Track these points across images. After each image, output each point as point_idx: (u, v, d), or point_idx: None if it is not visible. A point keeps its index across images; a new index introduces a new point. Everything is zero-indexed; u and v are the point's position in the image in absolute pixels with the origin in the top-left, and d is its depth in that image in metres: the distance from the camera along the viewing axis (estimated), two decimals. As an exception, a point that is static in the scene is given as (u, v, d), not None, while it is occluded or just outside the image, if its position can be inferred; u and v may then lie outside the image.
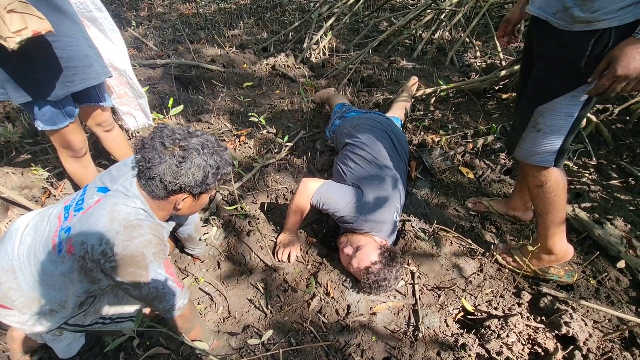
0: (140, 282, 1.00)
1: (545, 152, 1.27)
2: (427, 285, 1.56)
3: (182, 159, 0.97)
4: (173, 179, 0.98)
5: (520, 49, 3.37)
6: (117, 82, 1.84)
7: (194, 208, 1.15)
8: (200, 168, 1.00)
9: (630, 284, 1.55)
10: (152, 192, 1.03)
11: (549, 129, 1.23)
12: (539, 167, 1.31)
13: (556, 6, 1.08)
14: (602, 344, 1.31)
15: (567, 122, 1.20)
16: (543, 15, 1.13)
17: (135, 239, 0.98)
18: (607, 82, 1.01)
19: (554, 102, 1.18)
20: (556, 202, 1.36)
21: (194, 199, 1.09)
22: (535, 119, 1.24)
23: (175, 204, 1.07)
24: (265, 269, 1.64)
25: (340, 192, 1.58)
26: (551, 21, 1.11)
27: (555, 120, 1.20)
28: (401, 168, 1.82)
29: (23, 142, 2.19)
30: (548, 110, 1.20)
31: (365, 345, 1.35)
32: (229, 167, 1.09)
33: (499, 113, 2.62)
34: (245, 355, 1.31)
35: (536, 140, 1.26)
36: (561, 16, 1.07)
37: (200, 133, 1.05)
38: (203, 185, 1.03)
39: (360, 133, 1.88)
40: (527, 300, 1.47)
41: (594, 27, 1.01)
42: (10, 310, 1.09)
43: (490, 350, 1.31)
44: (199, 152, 0.99)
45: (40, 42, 1.22)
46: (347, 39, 3.72)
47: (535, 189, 1.37)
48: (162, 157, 0.97)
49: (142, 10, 4.42)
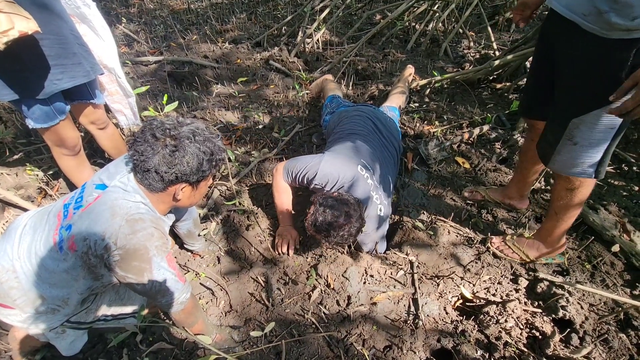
0: (144, 276, 1.00)
1: (584, 164, 1.17)
2: (426, 274, 1.57)
3: (175, 147, 0.97)
4: (168, 168, 0.97)
5: (514, 38, 3.37)
6: (108, 79, 1.82)
7: (194, 198, 1.14)
8: (194, 155, 0.99)
9: (625, 267, 1.58)
10: (149, 185, 1.02)
11: (587, 142, 1.12)
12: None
13: (587, 7, 0.96)
14: (598, 326, 1.34)
15: (607, 135, 1.09)
16: (571, 16, 1.01)
17: (138, 232, 0.98)
18: (631, 105, 0.91)
19: (592, 115, 1.06)
20: (579, 206, 1.32)
21: (193, 188, 1.08)
22: (570, 132, 1.13)
23: (174, 194, 1.06)
24: (265, 262, 1.65)
25: (302, 158, 1.66)
26: (581, 24, 0.99)
27: (593, 133, 1.09)
28: (381, 144, 1.85)
29: (16, 143, 2.16)
30: (585, 123, 1.09)
31: (366, 334, 1.37)
32: (222, 153, 1.09)
33: (493, 103, 2.64)
34: (248, 348, 1.33)
35: (573, 153, 1.16)
36: (594, 20, 0.96)
37: (189, 121, 1.04)
38: (199, 173, 1.02)
39: (344, 124, 1.94)
40: (524, 286, 1.50)
41: (636, 35, 0.91)
42: (12, 310, 1.09)
43: (489, 336, 1.34)
44: (191, 139, 0.99)
45: (27, 40, 1.20)
46: (340, 32, 3.70)
47: (564, 191, 1.30)
48: (155, 148, 0.96)
49: (133, 6, 4.35)
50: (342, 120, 1.98)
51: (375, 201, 1.59)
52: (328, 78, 2.71)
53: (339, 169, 1.56)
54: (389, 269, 1.58)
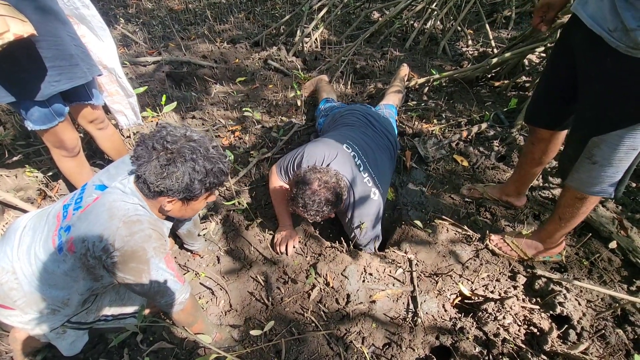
0: (142, 277, 1.01)
1: (603, 183, 1.14)
2: (424, 272, 1.58)
3: (167, 162, 0.97)
4: (155, 180, 0.97)
5: (513, 36, 3.38)
6: (108, 80, 1.82)
7: (186, 212, 1.13)
8: (185, 173, 0.98)
9: (622, 263, 1.58)
10: (142, 189, 1.03)
11: (607, 162, 1.07)
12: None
13: (613, 23, 0.91)
14: (596, 322, 1.35)
15: (629, 156, 1.05)
16: (597, 29, 0.96)
17: (136, 234, 0.99)
18: None
19: (614, 135, 1.02)
20: (585, 214, 1.30)
21: (183, 203, 1.07)
22: (590, 150, 1.09)
23: (162, 204, 1.06)
24: (265, 262, 1.65)
25: (289, 152, 1.73)
26: (607, 39, 0.94)
27: (615, 154, 1.05)
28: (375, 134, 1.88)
29: (15, 144, 2.16)
30: (606, 143, 1.04)
31: (365, 332, 1.38)
32: (221, 177, 1.06)
33: (492, 101, 2.64)
34: (248, 347, 1.34)
35: (592, 172, 1.12)
36: (620, 37, 0.91)
37: (197, 137, 1.03)
38: (187, 192, 1.01)
39: (338, 122, 1.98)
40: (522, 283, 1.51)
41: None
42: (12, 311, 1.10)
43: (488, 333, 1.35)
44: (186, 158, 0.98)
45: (25, 42, 1.20)
46: (339, 31, 3.70)
47: (573, 199, 1.26)
48: (150, 157, 0.97)
49: (131, 7, 4.35)
50: (336, 120, 2.01)
51: (367, 183, 1.60)
52: (323, 78, 2.71)
53: (324, 149, 1.62)
54: (388, 267, 1.59)
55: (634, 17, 0.87)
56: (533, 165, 1.61)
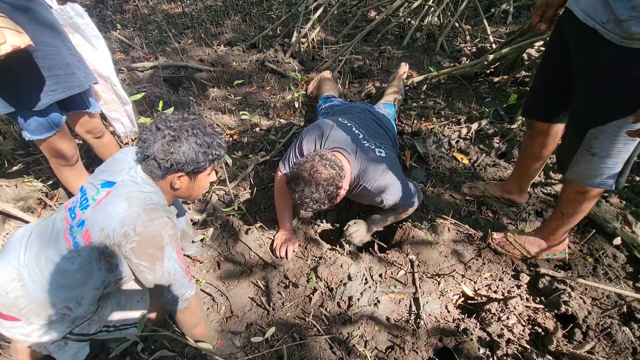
0: (155, 265, 1.05)
1: (603, 175, 1.13)
2: (426, 273, 1.57)
3: (173, 138, 1.05)
4: (165, 156, 1.05)
5: (511, 31, 3.34)
6: (104, 88, 1.82)
7: (193, 190, 1.20)
8: (191, 146, 1.07)
9: (627, 260, 1.56)
10: (151, 172, 1.09)
11: (606, 154, 1.08)
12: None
13: (605, 15, 0.92)
14: (601, 320, 1.33)
15: (628, 146, 1.05)
16: (590, 22, 0.98)
17: (155, 220, 1.04)
18: None
19: (611, 125, 1.02)
20: (587, 209, 1.29)
21: (190, 179, 1.14)
22: (588, 142, 1.09)
23: (172, 182, 1.12)
24: (265, 266, 1.64)
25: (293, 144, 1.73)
26: (600, 31, 0.95)
27: (613, 144, 1.05)
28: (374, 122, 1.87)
29: (15, 154, 2.17)
30: (604, 134, 1.05)
31: (368, 335, 1.36)
32: (220, 150, 1.15)
33: (491, 97, 2.61)
34: (249, 353, 1.33)
35: (591, 164, 1.12)
36: (613, 28, 0.92)
37: (193, 117, 1.12)
38: (194, 163, 1.09)
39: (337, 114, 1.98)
40: (525, 282, 1.49)
41: None
42: (16, 322, 1.10)
43: (492, 333, 1.33)
44: (188, 132, 1.07)
45: (21, 52, 1.20)
46: (335, 31, 3.68)
47: (575, 194, 1.26)
48: (156, 137, 1.06)
49: (127, 12, 4.35)
50: (335, 114, 2.00)
51: (369, 146, 1.58)
52: (325, 75, 2.69)
53: (321, 125, 1.67)
54: (390, 269, 1.58)
55: (625, 7, 0.88)
56: (533, 160, 1.59)
